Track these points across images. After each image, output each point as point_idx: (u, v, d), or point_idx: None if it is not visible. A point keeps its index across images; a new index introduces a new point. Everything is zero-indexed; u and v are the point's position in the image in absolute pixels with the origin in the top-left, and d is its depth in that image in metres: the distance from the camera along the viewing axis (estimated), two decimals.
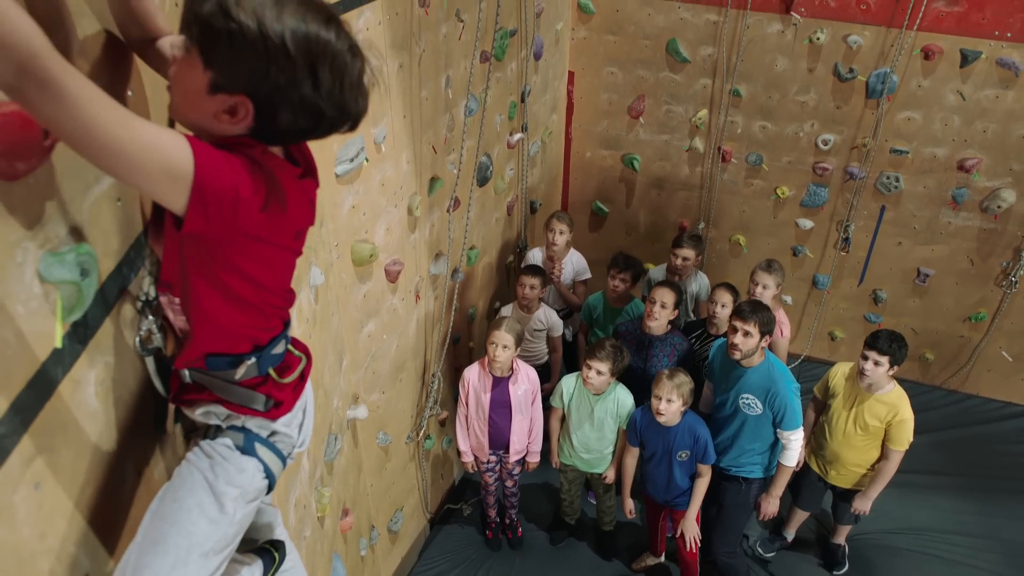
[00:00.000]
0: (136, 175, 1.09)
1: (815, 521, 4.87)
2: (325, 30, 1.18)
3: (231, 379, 1.45)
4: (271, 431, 1.55)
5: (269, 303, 1.44)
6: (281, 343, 1.51)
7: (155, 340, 1.45)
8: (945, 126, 5.05)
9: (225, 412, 1.50)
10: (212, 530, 1.41)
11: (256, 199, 1.22)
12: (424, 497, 4.66)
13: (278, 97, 1.19)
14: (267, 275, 1.39)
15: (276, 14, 1.14)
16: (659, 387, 3.81)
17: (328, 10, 1.20)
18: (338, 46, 1.20)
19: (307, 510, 2.70)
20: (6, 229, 1.06)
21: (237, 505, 1.46)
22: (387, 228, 3.43)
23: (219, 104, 1.20)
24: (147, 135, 1.07)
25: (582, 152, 6.07)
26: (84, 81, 0.98)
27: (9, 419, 1.08)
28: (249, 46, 1.14)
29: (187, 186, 1.13)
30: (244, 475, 1.49)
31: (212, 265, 1.29)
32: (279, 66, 1.16)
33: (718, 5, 5.13)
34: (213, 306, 1.35)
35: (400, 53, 3.20)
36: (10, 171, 1.05)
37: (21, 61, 0.91)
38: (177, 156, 1.11)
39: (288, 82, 1.18)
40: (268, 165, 1.26)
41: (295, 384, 1.58)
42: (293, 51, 1.15)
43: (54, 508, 1.21)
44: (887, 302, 5.83)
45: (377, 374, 3.68)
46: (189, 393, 1.49)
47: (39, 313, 1.14)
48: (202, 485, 1.44)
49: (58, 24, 1.17)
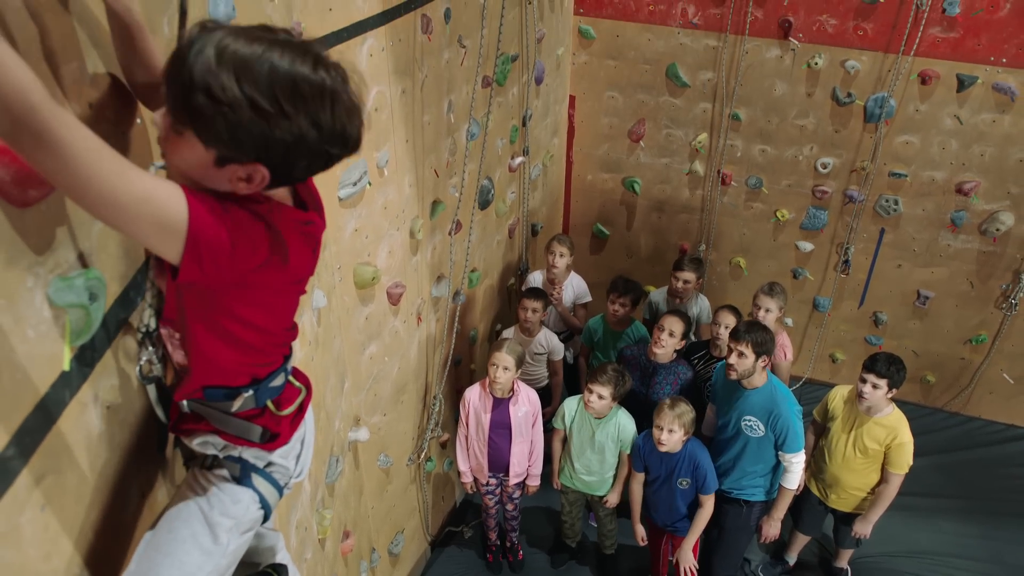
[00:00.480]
0: (129, 227, 1.08)
1: (817, 545, 4.84)
2: (312, 72, 1.13)
3: (228, 410, 1.45)
4: (268, 462, 1.56)
5: (269, 343, 1.44)
6: (280, 376, 1.51)
7: (155, 370, 1.46)
8: (943, 150, 5.09)
9: (222, 443, 1.50)
10: (205, 561, 1.42)
11: (254, 255, 1.20)
12: (425, 519, 4.65)
13: (289, 154, 1.16)
14: (267, 319, 1.39)
15: (261, 75, 1.08)
16: (660, 417, 3.81)
17: (307, 47, 1.15)
18: (328, 82, 1.15)
19: (308, 532, 2.70)
20: (18, 254, 1.09)
21: (231, 536, 1.47)
22: (389, 251, 3.46)
23: (231, 173, 1.17)
24: (142, 188, 1.05)
25: (583, 175, 6.12)
26: (81, 132, 0.97)
27: (17, 441, 1.10)
28: (246, 119, 1.09)
29: (181, 239, 1.11)
30: (239, 506, 1.49)
31: (210, 311, 1.29)
32: (281, 127, 1.12)
33: (717, 31, 5.20)
34: (211, 347, 1.35)
35: (403, 79, 3.25)
36: (23, 198, 1.07)
37: (17, 114, 0.90)
38: (171, 211, 1.09)
39: (295, 138, 1.14)
40: (273, 219, 1.23)
41: (293, 416, 1.58)
42: (291, 110, 1.11)
43: (59, 530, 1.23)
44: (888, 324, 5.84)
45: (379, 396, 3.69)
46: (188, 422, 1.50)
47: (48, 336, 1.17)
48: (197, 515, 1.44)
49: (71, 55, 1.20)
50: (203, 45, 1.07)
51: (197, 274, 1.16)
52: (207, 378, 1.41)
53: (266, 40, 1.11)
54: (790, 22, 4.98)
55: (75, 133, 0.96)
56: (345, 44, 2.75)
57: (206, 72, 1.06)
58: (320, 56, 1.15)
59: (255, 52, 1.09)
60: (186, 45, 1.08)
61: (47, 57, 1.14)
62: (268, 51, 1.09)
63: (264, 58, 1.09)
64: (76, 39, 1.22)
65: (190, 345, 1.36)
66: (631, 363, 4.45)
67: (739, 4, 5.04)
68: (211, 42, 1.07)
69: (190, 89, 1.07)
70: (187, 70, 1.06)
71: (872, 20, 4.84)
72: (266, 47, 1.10)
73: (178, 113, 1.12)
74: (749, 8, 5.02)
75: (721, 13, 5.13)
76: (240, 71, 1.07)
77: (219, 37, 1.08)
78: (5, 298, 1.06)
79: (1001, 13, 4.58)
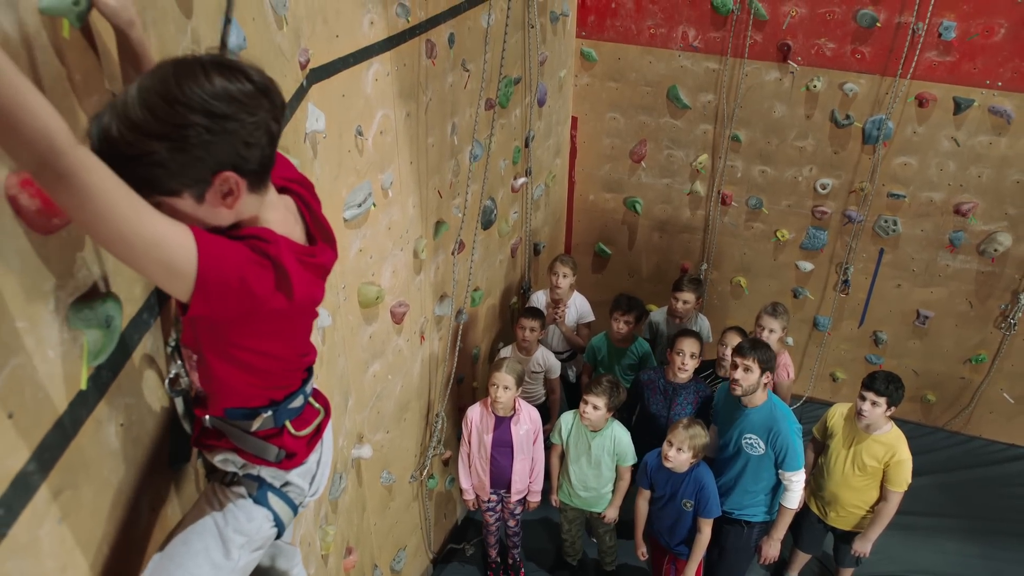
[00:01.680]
0: (140, 265, 1.13)
1: (817, 564, 4.86)
2: (232, 83, 1.16)
3: (247, 429, 1.50)
4: (285, 481, 1.60)
5: (283, 368, 1.49)
6: (299, 398, 1.56)
7: (182, 383, 1.52)
8: (941, 171, 5.15)
9: (241, 461, 1.55)
10: (214, 574, 1.46)
11: (260, 292, 1.24)
12: (427, 536, 4.68)
13: (246, 152, 1.21)
14: (279, 346, 1.43)
15: (195, 99, 1.12)
16: (674, 434, 3.84)
17: (216, 60, 1.18)
18: (246, 87, 1.18)
19: (312, 548, 2.74)
20: (40, 279, 1.15)
21: (242, 552, 1.52)
22: (393, 271, 3.52)
23: (213, 199, 1.22)
24: (152, 232, 1.10)
25: (585, 195, 6.19)
26: (100, 174, 1.02)
27: (38, 456, 1.15)
28: (198, 144, 1.14)
29: (190, 282, 1.16)
30: (253, 524, 1.54)
31: (222, 343, 1.35)
32: (212, 129, 1.15)
33: (717, 54, 5.28)
34: (226, 374, 1.40)
35: (408, 102, 3.32)
36: (46, 226, 1.13)
37: (43, 156, 0.96)
38: (181, 256, 1.14)
39: (229, 130, 1.17)
40: (280, 256, 1.27)
41: (310, 437, 1.62)
42: (232, 111, 1.15)
43: (75, 542, 1.28)
44: (888, 343, 5.88)
45: (382, 414, 3.74)
46: (210, 438, 1.55)
47: (67, 357, 1.22)
48: (211, 530, 1.50)
49: (93, 88, 1.26)
50: (105, 125, 1.11)
51: (205, 310, 1.21)
52: (226, 400, 1.46)
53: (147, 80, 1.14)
54: (789, 45, 5.06)
55: (94, 176, 1.01)
56: (351, 70, 2.83)
57: (126, 142, 1.11)
58: (226, 63, 1.18)
59: (143, 93, 1.12)
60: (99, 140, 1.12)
61: (74, 91, 1.20)
62: (152, 86, 1.12)
63: (150, 92, 1.12)
64: (99, 74, 1.29)
65: (208, 369, 1.41)
66: (650, 387, 4.48)
67: (739, 28, 5.13)
68: (110, 117, 1.12)
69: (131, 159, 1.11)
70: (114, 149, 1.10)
71: (870, 44, 4.92)
72: (147, 85, 1.13)
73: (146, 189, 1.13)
74: (749, 32, 5.11)
75: (721, 36, 5.22)
76: (145, 115, 1.11)
77: (108, 112, 1.12)
78: (28, 320, 1.12)
79: (996, 38, 4.66)
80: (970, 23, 4.68)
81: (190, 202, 1.20)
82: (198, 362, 1.45)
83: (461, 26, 3.70)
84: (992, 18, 4.63)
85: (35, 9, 1.10)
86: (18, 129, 0.92)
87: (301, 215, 1.47)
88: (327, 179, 2.76)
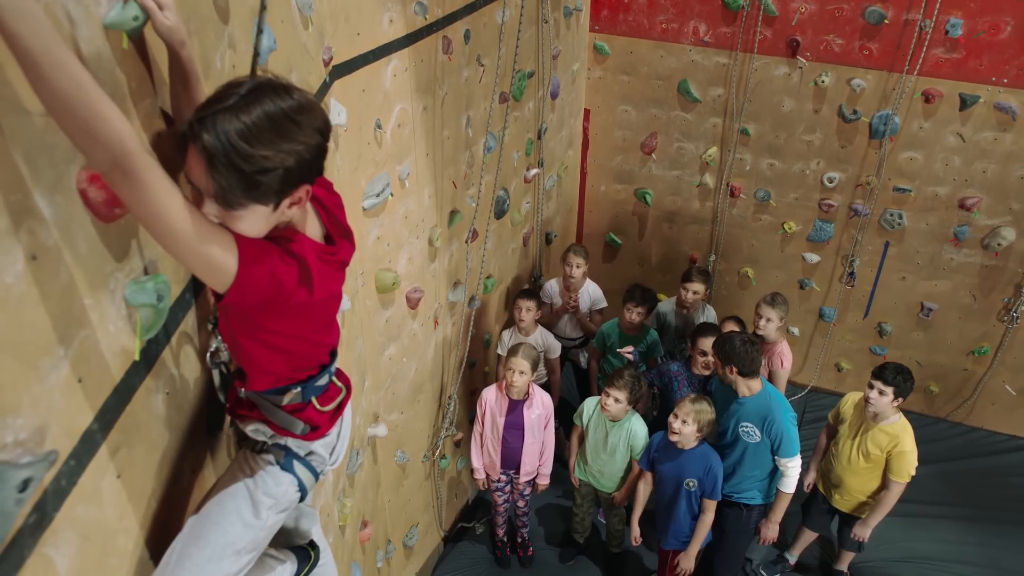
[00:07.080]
0: (185, 258, 1.30)
1: (819, 547, 4.98)
2: (286, 98, 1.32)
3: (278, 403, 1.68)
4: (309, 451, 1.77)
5: (310, 350, 1.66)
6: (325, 376, 1.73)
7: (222, 355, 1.68)
8: (946, 166, 5.24)
9: (271, 432, 1.72)
10: (245, 532, 1.63)
11: (287, 286, 1.42)
12: (438, 515, 4.84)
13: (313, 162, 1.38)
14: (307, 327, 1.60)
15: (266, 130, 1.27)
16: (680, 408, 3.94)
17: (270, 83, 1.33)
18: (296, 102, 1.33)
19: (330, 518, 2.90)
20: (103, 262, 1.31)
21: (270, 513, 1.69)
22: (409, 258, 3.66)
23: (284, 208, 1.39)
24: (201, 234, 1.27)
25: (597, 186, 6.31)
26: (162, 178, 1.19)
27: (100, 417, 1.31)
28: (287, 165, 1.31)
29: (228, 279, 1.34)
30: (280, 488, 1.71)
31: (252, 327, 1.52)
32: (299, 151, 1.32)
33: (728, 49, 5.38)
34: (257, 355, 1.57)
35: (424, 96, 3.46)
36: (110, 215, 1.29)
37: (116, 156, 1.13)
38: (224, 259, 1.32)
39: (312, 149, 1.36)
40: (304, 255, 1.45)
41: (333, 413, 1.79)
42: (299, 135, 1.32)
43: (129, 496, 1.44)
44: (892, 335, 5.98)
45: (397, 395, 3.89)
46: (243, 408, 1.72)
47: (124, 331, 1.38)
48: (243, 493, 1.66)
49: (145, 93, 1.42)
50: (217, 142, 1.25)
51: (238, 301, 1.39)
52: (259, 381, 1.63)
53: (245, 101, 1.28)
54: (798, 41, 5.15)
55: (157, 177, 1.19)
56: (371, 66, 2.97)
57: (243, 157, 1.26)
58: (278, 82, 1.34)
59: (253, 116, 1.27)
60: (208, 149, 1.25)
61: (131, 96, 1.36)
62: (255, 107, 1.27)
63: (258, 114, 1.27)
64: (151, 81, 1.44)
65: (241, 350, 1.58)
66: (679, 380, 4.56)
67: (749, 23, 5.23)
68: (218, 135, 1.25)
69: (245, 176, 1.27)
70: (230, 164, 1.26)
71: (877, 40, 5.00)
72: (248, 106, 1.27)
73: (232, 199, 1.30)
74: (758, 27, 5.20)
75: (731, 32, 5.31)
76: (258, 138, 1.26)
77: (217, 128, 1.25)
78: (93, 298, 1.28)
79: (1002, 35, 4.73)
80: (977, 20, 4.75)
81: (269, 209, 1.36)
82: (231, 345, 1.61)
83: (476, 22, 3.82)
84: (999, 16, 4.70)
85: (100, 24, 1.25)
86: (97, 135, 1.09)
87: (316, 213, 1.62)
88: (347, 170, 2.91)
